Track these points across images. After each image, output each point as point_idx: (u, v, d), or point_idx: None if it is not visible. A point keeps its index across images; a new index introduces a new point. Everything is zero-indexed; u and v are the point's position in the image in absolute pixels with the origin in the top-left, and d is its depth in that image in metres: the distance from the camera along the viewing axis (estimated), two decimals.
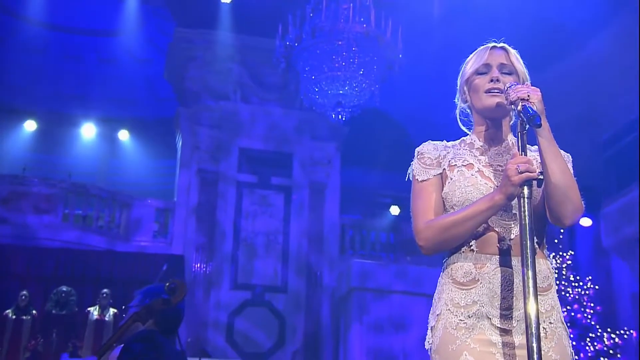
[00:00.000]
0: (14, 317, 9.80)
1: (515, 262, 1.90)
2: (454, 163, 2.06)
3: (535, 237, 1.84)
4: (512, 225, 1.94)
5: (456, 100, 2.17)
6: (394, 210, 13.80)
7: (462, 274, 1.95)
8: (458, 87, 2.16)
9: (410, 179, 2.11)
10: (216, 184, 12.83)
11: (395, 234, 13.79)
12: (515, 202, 1.88)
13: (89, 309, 10.05)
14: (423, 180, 2.06)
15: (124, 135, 16.07)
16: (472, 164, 2.04)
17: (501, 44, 2.12)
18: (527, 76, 2.10)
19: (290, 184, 13.31)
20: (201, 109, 13.03)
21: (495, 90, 2.01)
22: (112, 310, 10.06)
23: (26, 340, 9.70)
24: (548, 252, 2.07)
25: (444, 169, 2.06)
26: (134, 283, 11.55)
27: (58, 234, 11.85)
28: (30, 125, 15.25)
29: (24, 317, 9.81)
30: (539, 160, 1.92)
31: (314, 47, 8.59)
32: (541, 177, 1.81)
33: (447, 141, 2.15)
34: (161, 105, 15.55)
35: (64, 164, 14.92)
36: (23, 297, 9.91)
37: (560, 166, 1.87)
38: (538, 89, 1.89)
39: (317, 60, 8.51)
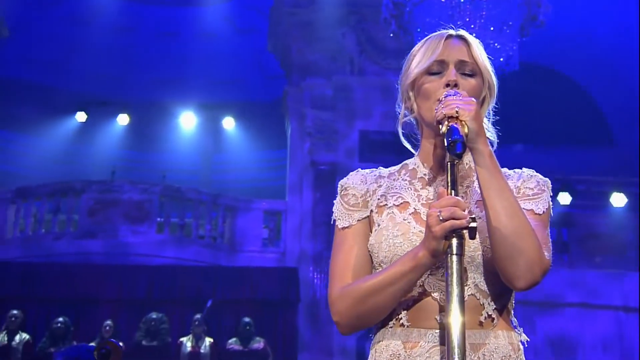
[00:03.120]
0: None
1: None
2: (384, 202, 1.89)
3: (493, 302, 1.78)
4: None
5: (397, 108, 1.99)
6: (564, 198, 12.64)
7: (387, 357, 1.80)
8: (400, 91, 1.97)
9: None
10: (333, 178, 12.46)
11: (569, 229, 12.79)
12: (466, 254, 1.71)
13: (181, 339, 10.00)
14: (344, 228, 1.90)
15: (228, 123, 16.09)
16: (407, 202, 1.87)
17: (459, 33, 1.92)
18: (494, 79, 1.92)
19: None
20: (311, 87, 12.71)
21: None
22: (207, 340, 9.94)
23: None
24: (514, 321, 1.87)
25: (372, 210, 1.90)
26: (241, 304, 11.46)
27: (152, 247, 11.98)
28: (123, 120, 15.63)
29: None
30: (528, 191, 1.85)
31: (429, 1, 7.86)
32: (473, 224, 1.59)
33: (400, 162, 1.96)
34: (271, 84, 15.36)
35: (159, 161, 15.19)
36: (107, 327, 10.02)
37: (507, 207, 1.70)
38: (473, 101, 1.72)
39: (434, 16, 7.74)
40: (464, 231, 1.60)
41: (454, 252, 1.61)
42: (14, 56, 15.43)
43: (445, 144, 1.63)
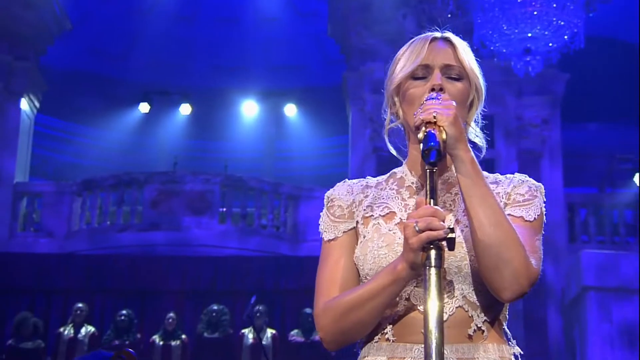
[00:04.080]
0: (161, 343, 10.01)
1: (448, 352, 1.67)
2: (370, 213, 1.85)
3: (482, 314, 1.74)
4: (444, 301, 1.70)
5: (383, 114, 1.96)
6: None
7: None
8: (385, 96, 1.93)
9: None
10: (396, 164, 12.17)
11: None
12: (447, 265, 1.68)
13: (243, 330, 10.00)
14: (330, 240, 1.86)
15: (290, 110, 16.02)
16: (394, 212, 1.82)
17: (445, 35, 1.88)
18: (482, 82, 1.87)
19: (492, 156, 12.40)
20: (370, 71, 12.53)
21: None
22: (269, 332, 9.93)
23: None
24: (507, 333, 1.82)
25: (357, 221, 1.87)
26: (304, 295, 11.40)
27: (214, 238, 12.03)
28: (185, 109, 15.73)
29: (173, 343, 10.00)
30: (517, 198, 1.80)
31: None
32: (452, 235, 1.54)
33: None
34: (332, 69, 15.21)
35: (221, 150, 15.25)
36: (170, 319, 10.09)
37: (491, 215, 1.66)
38: (452, 105, 1.67)
39: None
40: (443, 242, 1.55)
41: (432, 264, 1.56)
42: (78, 48, 15.69)
43: (421, 152, 1.60)
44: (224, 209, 12.50)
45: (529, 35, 7.64)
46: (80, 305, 10.18)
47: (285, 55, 15.66)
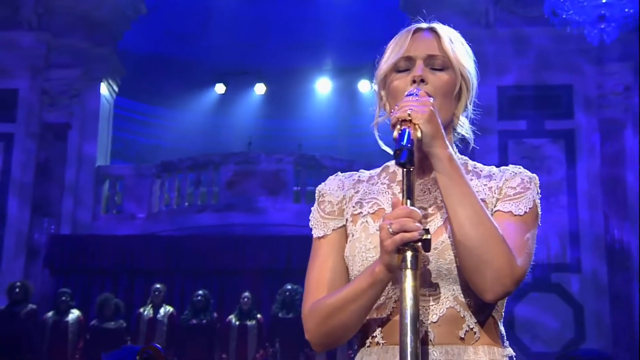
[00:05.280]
0: (237, 322, 10.18)
1: (437, 354, 1.68)
2: (359, 210, 1.81)
3: (474, 315, 1.69)
4: (432, 303, 1.70)
5: (374, 106, 1.91)
6: None
7: None
8: (374, 90, 1.91)
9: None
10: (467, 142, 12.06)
11: None
12: (435, 267, 1.67)
13: None
14: (319, 238, 1.85)
15: (364, 86, 15.92)
16: (383, 208, 1.78)
17: (430, 25, 1.84)
18: (472, 71, 1.82)
19: (572, 126, 12.08)
20: None
21: None
22: None
23: (253, 350, 10.02)
24: (502, 334, 1.77)
25: (347, 219, 1.83)
26: None
27: (289, 217, 12.12)
28: (259, 89, 15.84)
29: (249, 323, 10.16)
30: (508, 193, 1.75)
31: None
32: (427, 236, 1.50)
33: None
34: None
35: (296, 128, 15.29)
36: (245, 299, 10.25)
37: (471, 215, 1.61)
38: (429, 102, 1.62)
39: None
40: (419, 244, 1.52)
41: (408, 266, 1.53)
42: (154, 32, 15.97)
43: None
44: (298, 188, 12.57)
45: (603, 1, 7.32)
46: (158, 286, 10.45)
47: (359, 31, 15.52)
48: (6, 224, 12.48)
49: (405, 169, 1.56)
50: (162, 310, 10.36)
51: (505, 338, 1.78)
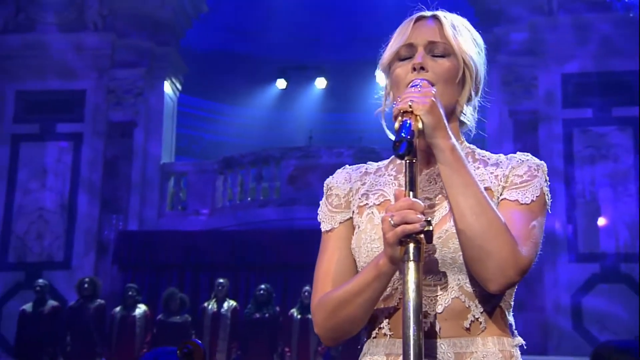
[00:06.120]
0: (299, 316, 10.24)
1: (445, 347, 1.68)
2: (364, 202, 1.81)
3: (481, 305, 1.68)
4: (439, 293, 1.69)
5: (376, 95, 1.92)
6: None
7: None
8: (377, 79, 1.78)
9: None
10: (535, 127, 11.98)
11: None
12: (440, 256, 1.66)
13: None
14: (327, 231, 1.84)
15: None
16: (388, 200, 1.77)
17: (432, 13, 1.84)
18: (475, 57, 1.80)
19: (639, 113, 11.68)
20: (504, 32, 12.19)
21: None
22: None
23: (315, 343, 10.08)
24: (511, 324, 1.75)
25: (353, 210, 1.83)
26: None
27: None
28: (320, 83, 15.89)
29: (310, 317, 10.16)
30: (506, 181, 1.74)
31: None
32: (429, 227, 1.50)
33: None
34: None
35: (356, 121, 15.26)
36: (306, 293, 10.29)
37: (473, 205, 1.60)
38: (430, 93, 1.61)
39: None
40: (421, 235, 1.51)
41: (411, 257, 1.52)
42: (215, 29, 16.17)
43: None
44: None
45: None
46: (221, 280, 10.58)
47: None
48: (76, 222, 12.84)
49: (407, 161, 1.56)
50: (225, 305, 10.49)
51: (514, 327, 1.76)
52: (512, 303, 1.77)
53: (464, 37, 1.82)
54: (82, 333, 10.18)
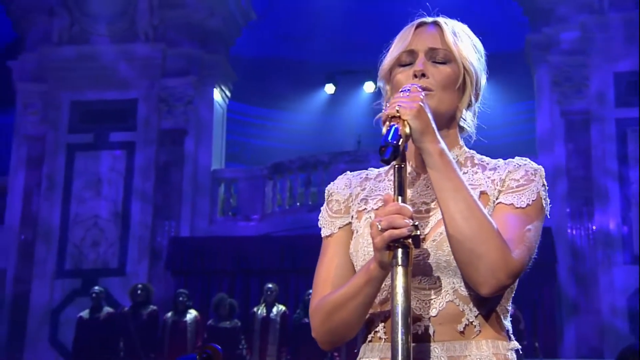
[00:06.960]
0: None
1: (439, 351, 1.69)
2: (363, 207, 1.83)
3: (475, 308, 1.68)
4: (433, 296, 1.70)
5: (376, 102, 1.92)
6: None
7: None
8: (379, 85, 1.91)
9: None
10: (587, 127, 11.77)
11: None
12: (434, 259, 1.67)
13: None
14: (327, 237, 1.86)
15: None
16: None
17: (433, 19, 1.86)
18: (476, 64, 1.81)
19: None
20: (555, 31, 12.08)
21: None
22: None
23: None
24: (507, 328, 1.75)
25: (352, 215, 1.85)
26: None
27: None
28: (368, 87, 15.89)
29: None
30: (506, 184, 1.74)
31: None
32: (417, 232, 1.51)
33: None
34: (521, 32, 14.68)
35: None
36: None
37: (463, 209, 1.60)
38: (418, 98, 1.61)
39: None
40: (409, 240, 1.52)
41: (399, 262, 1.53)
42: (264, 36, 16.31)
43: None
44: None
45: None
46: (270, 285, 10.65)
47: (471, 18, 15.30)
48: (130, 229, 13.07)
49: (396, 165, 1.57)
50: (274, 310, 10.56)
51: (510, 332, 1.75)
52: (509, 308, 1.77)
53: (465, 43, 1.83)
54: (136, 338, 10.35)
